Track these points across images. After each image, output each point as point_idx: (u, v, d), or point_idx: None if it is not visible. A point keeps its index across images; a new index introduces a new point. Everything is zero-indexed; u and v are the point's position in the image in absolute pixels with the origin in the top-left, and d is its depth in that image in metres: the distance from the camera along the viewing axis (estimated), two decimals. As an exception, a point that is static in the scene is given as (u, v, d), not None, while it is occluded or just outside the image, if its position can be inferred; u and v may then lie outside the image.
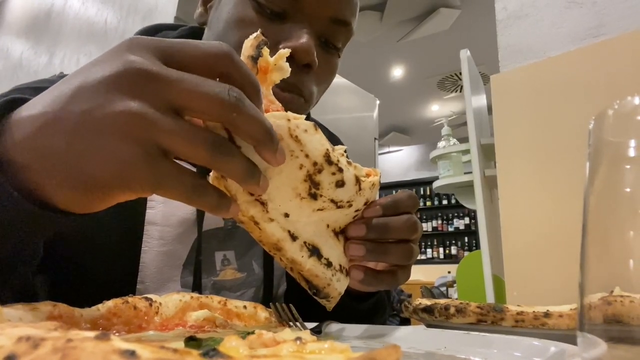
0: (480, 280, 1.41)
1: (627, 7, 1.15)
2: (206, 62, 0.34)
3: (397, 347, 0.17)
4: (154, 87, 0.31)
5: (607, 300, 0.27)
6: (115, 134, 0.31)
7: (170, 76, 0.32)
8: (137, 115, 0.31)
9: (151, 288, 0.65)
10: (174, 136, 0.31)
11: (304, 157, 0.41)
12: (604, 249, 0.28)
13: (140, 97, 0.31)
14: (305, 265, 0.45)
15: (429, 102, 6.73)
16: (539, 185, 1.19)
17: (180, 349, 0.16)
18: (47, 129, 0.32)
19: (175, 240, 0.67)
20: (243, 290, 0.72)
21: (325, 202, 0.44)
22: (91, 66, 0.34)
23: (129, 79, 0.31)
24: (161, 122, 0.31)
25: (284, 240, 0.43)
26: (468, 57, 1.67)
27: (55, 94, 0.33)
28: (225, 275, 0.70)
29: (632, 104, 0.27)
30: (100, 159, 0.32)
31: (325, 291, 0.47)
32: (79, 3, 3.98)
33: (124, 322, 0.41)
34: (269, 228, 0.42)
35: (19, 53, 4.93)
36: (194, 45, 0.34)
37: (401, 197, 0.51)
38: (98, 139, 0.31)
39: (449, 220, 7.60)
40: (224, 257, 0.71)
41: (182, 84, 0.32)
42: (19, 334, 0.16)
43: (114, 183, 0.33)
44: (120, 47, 0.33)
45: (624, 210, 0.27)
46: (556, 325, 0.54)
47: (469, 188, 2.13)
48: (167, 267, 0.66)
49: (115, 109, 0.31)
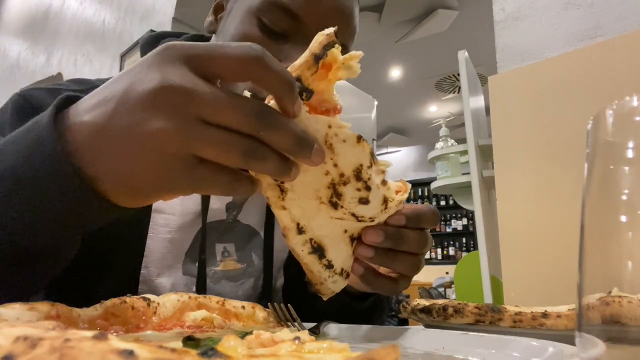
0: (478, 281, 1.41)
1: (625, 9, 1.15)
2: (237, 69, 0.35)
3: (396, 347, 0.17)
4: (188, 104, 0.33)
5: (605, 300, 0.27)
6: (155, 149, 0.34)
7: (203, 93, 0.33)
8: (172, 132, 0.33)
9: (154, 273, 0.67)
10: (208, 147, 0.34)
11: (332, 166, 0.40)
12: (602, 249, 0.28)
13: (175, 114, 0.33)
14: (303, 259, 0.46)
15: (427, 103, 6.74)
16: (536, 186, 1.19)
17: (178, 349, 0.16)
18: (97, 140, 0.35)
19: (179, 229, 0.69)
20: (243, 280, 0.74)
21: (346, 214, 0.44)
22: (130, 77, 0.35)
23: (165, 98, 0.33)
24: (195, 136, 0.33)
25: (290, 231, 0.44)
26: (466, 58, 1.67)
27: (101, 103, 0.36)
28: (226, 265, 0.73)
29: (630, 104, 0.27)
30: (143, 171, 0.35)
31: (317, 287, 0.49)
32: (76, 3, 3.97)
33: (122, 322, 0.41)
34: (279, 214, 0.43)
35: (16, 53, 4.92)
36: (224, 53, 0.35)
37: (425, 213, 0.50)
38: (140, 153, 0.34)
39: (447, 221, 7.61)
40: (224, 249, 0.74)
41: (214, 102, 0.33)
42: (17, 334, 0.16)
43: (158, 189, 0.37)
44: (156, 59, 0.35)
45: (622, 211, 0.27)
46: (554, 326, 0.54)
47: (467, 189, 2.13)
48: (170, 255, 0.69)
49: (153, 127, 0.33)
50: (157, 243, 0.68)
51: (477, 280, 1.43)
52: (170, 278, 0.68)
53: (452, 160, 2.47)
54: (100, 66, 3.38)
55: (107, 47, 3.33)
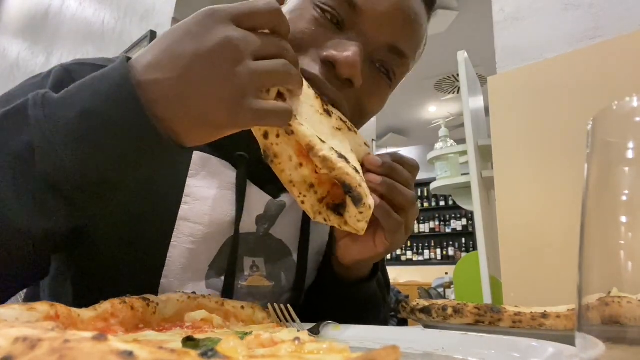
0: (478, 281, 1.41)
1: (624, 10, 1.15)
2: (264, 19, 0.47)
3: (396, 348, 0.17)
4: (244, 50, 0.44)
5: (604, 301, 0.27)
6: (227, 84, 0.43)
7: (252, 40, 0.45)
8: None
9: (175, 285, 0.63)
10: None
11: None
12: (602, 250, 0.28)
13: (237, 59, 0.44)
14: (337, 163, 0.49)
15: (426, 103, 6.74)
16: (536, 186, 1.20)
17: (178, 350, 0.16)
18: (177, 89, 0.43)
19: (205, 239, 0.65)
20: (267, 300, 0.68)
21: (337, 120, 0.55)
22: (192, 37, 0.45)
23: (229, 48, 0.44)
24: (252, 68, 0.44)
25: (315, 140, 0.49)
26: (465, 59, 1.67)
27: (172, 60, 0.44)
28: (254, 281, 0.69)
29: (631, 105, 0.27)
30: (219, 103, 0.44)
31: (358, 191, 0.51)
32: (76, 3, 3.97)
33: (122, 322, 0.41)
34: (301, 130, 0.48)
35: (16, 53, 4.92)
36: (258, 11, 0.46)
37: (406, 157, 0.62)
38: (217, 91, 0.43)
39: (447, 221, 7.61)
40: (253, 263, 0.70)
41: (258, 44, 0.45)
42: (16, 335, 0.16)
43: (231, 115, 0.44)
44: (209, 21, 0.45)
45: (622, 211, 0.27)
46: (554, 326, 0.54)
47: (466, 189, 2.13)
48: (193, 266, 0.65)
49: (225, 68, 0.43)
50: (179, 252, 0.63)
51: (476, 281, 1.43)
52: (190, 288, 0.64)
53: (451, 161, 2.47)
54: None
55: (107, 47, 3.32)
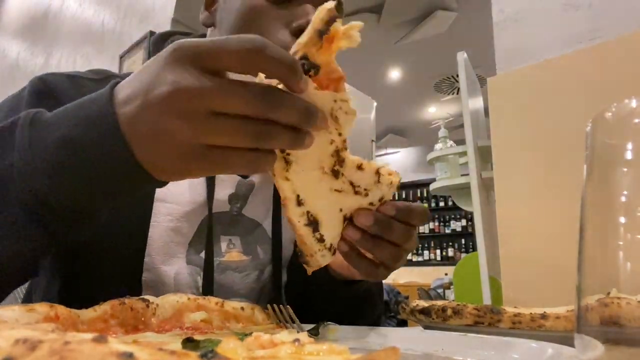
0: (477, 282, 1.41)
1: (623, 10, 1.15)
2: (240, 63, 0.37)
3: (395, 349, 0.17)
4: (197, 101, 0.36)
5: (604, 302, 0.27)
6: (170, 142, 0.38)
7: (209, 89, 0.36)
8: (184, 128, 0.37)
9: (158, 261, 0.68)
10: (219, 137, 0.37)
11: (337, 135, 0.45)
12: (601, 250, 0.28)
13: (186, 112, 0.37)
14: (298, 230, 0.47)
15: (426, 104, 6.74)
16: (535, 187, 1.20)
17: (178, 351, 0.16)
18: (131, 128, 0.39)
19: (182, 218, 0.70)
20: (247, 272, 0.75)
21: (345, 183, 0.48)
22: (149, 76, 0.39)
23: (176, 99, 0.37)
24: (206, 129, 0.37)
25: (290, 201, 0.46)
26: (465, 60, 1.67)
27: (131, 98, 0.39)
28: (231, 256, 0.74)
29: (629, 106, 0.27)
30: (164, 158, 0.39)
31: (307, 259, 0.50)
32: (76, 4, 3.96)
33: (121, 323, 0.41)
34: (281, 184, 0.45)
35: (15, 54, 4.92)
36: (226, 48, 0.37)
37: (415, 208, 0.52)
38: (160, 144, 0.38)
39: (446, 222, 7.61)
40: (230, 241, 0.75)
41: (220, 95, 0.36)
42: (16, 336, 0.16)
43: (178, 173, 0.41)
44: (168, 60, 0.38)
45: (621, 212, 0.27)
46: (553, 327, 0.54)
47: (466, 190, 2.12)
48: (174, 243, 0.70)
49: (167, 125, 0.37)
50: (160, 231, 0.68)
51: (476, 282, 1.43)
52: (173, 267, 0.69)
53: (451, 162, 2.47)
54: (99, 67, 3.38)
55: (106, 48, 3.32)
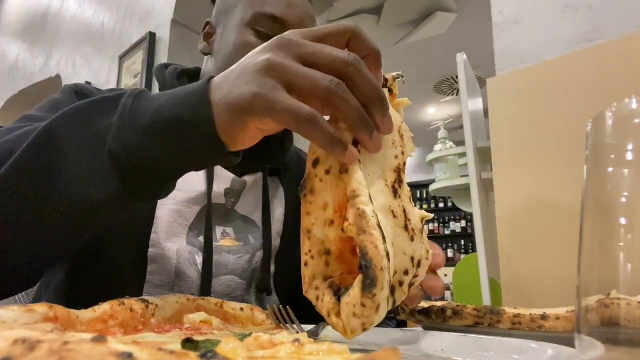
0: (477, 282, 1.41)
1: (623, 11, 1.15)
2: (334, 67, 0.41)
3: (396, 349, 0.17)
4: (290, 45, 0.42)
5: (604, 302, 0.27)
6: (256, 75, 0.42)
7: (304, 41, 0.42)
8: (272, 60, 0.42)
9: (162, 238, 0.77)
10: (300, 78, 0.40)
11: (400, 153, 0.45)
12: (601, 251, 0.28)
13: (280, 49, 0.42)
14: (371, 228, 0.36)
15: (425, 105, 6.74)
16: (535, 188, 1.20)
17: (177, 351, 0.16)
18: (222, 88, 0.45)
19: (185, 202, 0.80)
20: (240, 254, 0.83)
21: (399, 208, 0.42)
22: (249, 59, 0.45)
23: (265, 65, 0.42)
24: (291, 67, 0.41)
25: (364, 193, 0.38)
26: (464, 61, 1.67)
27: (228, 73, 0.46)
28: (225, 242, 0.83)
29: (629, 106, 0.27)
30: (252, 97, 0.41)
31: (376, 273, 0.35)
32: (75, 5, 3.96)
33: (120, 323, 0.40)
34: (356, 175, 0.39)
35: (14, 54, 4.91)
36: (325, 54, 0.41)
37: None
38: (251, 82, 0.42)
39: (445, 223, 7.61)
40: (224, 231, 0.84)
41: (312, 47, 0.42)
42: (15, 336, 0.16)
43: (261, 111, 0.41)
44: (268, 45, 0.44)
45: (621, 213, 0.27)
46: (553, 328, 0.54)
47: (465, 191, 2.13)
48: (176, 224, 0.79)
49: (262, 58, 0.42)
50: (164, 212, 0.78)
51: (475, 282, 1.42)
52: (175, 244, 0.77)
53: (450, 162, 2.47)
54: (98, 68, 3.38)
55: (106, 48, 3.32)
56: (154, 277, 0.75)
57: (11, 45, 5.06)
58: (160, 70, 0.91)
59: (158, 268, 0.76)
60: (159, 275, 0.76)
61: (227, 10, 0.87)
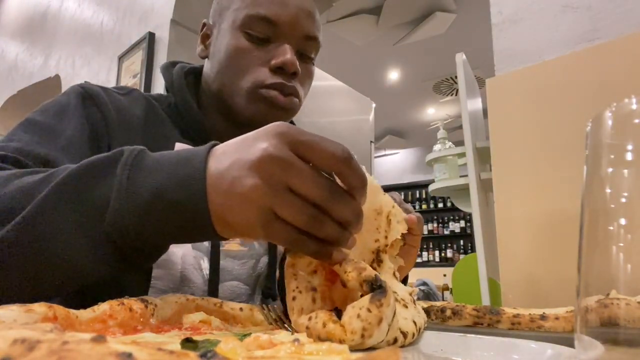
0: (476, 283, 1.41)
1: (622, 12, 1.16)
2: (328, 162, 0.43)
3: (396, 349, 0.17)
4: (281, 173, 0.42)
5: (603, 303, 0.27)
6: (247, 200, 0.43)
7: (296, 168, 0.42)
8: (263, 190, 0.42)
9: None
10: (285, 208, 0.42)
11: (384, 237, 0.49)
12: (601, 252, 0.28)
13: (270, 178, 0.42)
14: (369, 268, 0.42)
15: (424, 105, 6.75)
16: (534, 188, 1.20)
17: (177, 351, 0.16)
18: (217, 183, 0.45)
19: None
20: (245, 260, 0.83)
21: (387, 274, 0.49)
22: (249, 143, 0.45)
23: (266, 163, 0.42)
24: (279, 197, 0.42)
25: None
26: (464, 61, 1.67)
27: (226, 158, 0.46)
28: (231, 246, 0.83)
29: (629, 107, 0.27)
30: (236, 215, 0.44)
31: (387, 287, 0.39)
32: (74, 5, 3.96)
33: (120, 324, 0.40)
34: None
35: (14, 54, 4.91)
36: (322, 147, 0.43)
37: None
38: (236, 201, 0.44)
39: (445, 223, 7.61)
40: None
41: (301, 177, 0.42)
42: (15, 336, 0.16)
43: (243, 231, 0.45)
44: (270, 135, 0.44)
45: (621, 213, 0.27)
46: (552, 328, 0.54)
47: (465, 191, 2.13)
48: None
49: (250, 183, 0.43)
50: None
51: (475, 283, 1.43)
52: (181, 249, 0.77)
53: (450, 163, 2.47)
54: (98, 68, 3.38)
55: (105, 49, 3.32)
56: (159, 282, 0.74)
57: (10, 45, 5.06)
58: (167, 68, 0.90)
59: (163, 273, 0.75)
60: (163, 281, 0.74)
61: (222, 11, 0.85)
